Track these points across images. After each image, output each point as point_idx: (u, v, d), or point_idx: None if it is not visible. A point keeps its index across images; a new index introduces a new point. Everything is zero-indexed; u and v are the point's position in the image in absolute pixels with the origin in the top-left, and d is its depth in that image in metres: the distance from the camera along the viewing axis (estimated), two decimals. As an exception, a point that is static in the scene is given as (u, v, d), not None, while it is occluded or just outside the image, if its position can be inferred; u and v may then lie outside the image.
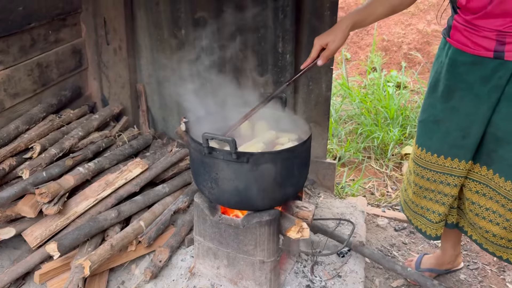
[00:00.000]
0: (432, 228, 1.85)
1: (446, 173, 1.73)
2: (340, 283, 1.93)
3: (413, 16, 5.00)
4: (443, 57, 1.67)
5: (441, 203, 1.79)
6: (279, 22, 2.43)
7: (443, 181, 1.75)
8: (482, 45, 1.50)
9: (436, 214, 1.81)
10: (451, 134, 1.68)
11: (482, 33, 1.49)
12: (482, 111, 1.58)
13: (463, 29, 1.55)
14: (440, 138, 1.71)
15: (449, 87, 1.64)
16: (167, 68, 2.72)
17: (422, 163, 1.79)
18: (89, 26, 2.66)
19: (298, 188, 1.79)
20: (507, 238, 1.69)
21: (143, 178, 2.15)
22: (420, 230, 1.90)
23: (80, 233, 1.85)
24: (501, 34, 1.45)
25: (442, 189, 1.76)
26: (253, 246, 1.71)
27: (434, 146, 1.74)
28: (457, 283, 2.19)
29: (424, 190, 1.82)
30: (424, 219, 1.86)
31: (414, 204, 1.89)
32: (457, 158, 1.69)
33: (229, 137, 1.49)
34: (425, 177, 1.79)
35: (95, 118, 2.46)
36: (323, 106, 2.60)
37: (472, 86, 1.57)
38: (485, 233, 1.74)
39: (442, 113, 1.69)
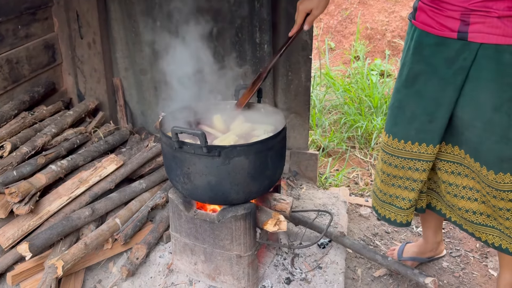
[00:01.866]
0: (402, 215, 1.82)
1: (414, 158, 1.70)
2: (321, 274, 1.91)
3: (397, 3, 4.96)
4: (409, 41, 1.64)
5: (410, 189, 1.76)
6: (255, 12, 2.38)
7: (412, 167, 1.72)
8: (447, 26, 1.47)
9: (406, 201, 1.79)
10: (417, 119, 1.65)
11: (447, 13, 1.46)
12: (448, 94, 1.55)
13: (428, 9, 1.52)
14: (406, 123, 1.68)
15: (414, 71, 1.61)
16: (144, 61, 2.66)
17: (390, 150, 1.75)
18: (62, 20, 2.59)
19: (274, 181, 1.75)
20: (486, 213, 1.68)
21: (118, 175, 2.10)
22: (388, 220, 1.86)
23: (53, 232, 1.80)
24: (466, 14, 1.42)
25: (410, 175, 1.74)
26: (229, 240, 1.69)
27: (400, 132, 1.71)
28: (439, 271, 2.18)
29: (392, 178, 1.79)
30: (393, 207, 1.83)
31: (382, 193, 1.85)
32: (425, 142, 1.66)
33: (199, 130, 1.45)
34: (393, 164, 1.76)
35: (70, 114, 2.40)
36: (303, 96, 2.57)
37: (437, 68, 1.54)
38: (464, 213, 1.72)
39: (406, 97, 1.66)
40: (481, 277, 2.15)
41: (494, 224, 1.68)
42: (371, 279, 2.12)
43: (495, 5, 1.36)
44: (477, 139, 1.55)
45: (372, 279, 2.12)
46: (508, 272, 1.79)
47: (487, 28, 1.39)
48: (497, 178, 1.55)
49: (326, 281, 1.87)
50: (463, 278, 2.14)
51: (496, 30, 1.38)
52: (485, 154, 1.55)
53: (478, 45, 1.42)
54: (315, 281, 1.87)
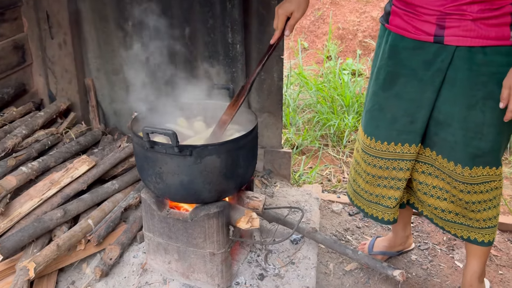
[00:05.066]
0: (389, 213, 1.87)
1: (398, 158, 1.75)
2: (293, 269, 1.95)
3: (367, 3, 5.06)
4: (383, 44, 1.68)
5: (395, 188, 1.81)
6: (227, 12, 2.40)
7: (396, 167, 1.77)
8: (423, 30, 1.52)
9: (393, 199, 1.83)
10: (398, 121, 1.69)
11: (423, 17, 1.51)
12: (427, 96, 1.60)
13: (403, 14, 1.56)
14: (387, 125, 1.73)
15: (392, 74, 1.65)
16: (116, 62, 2.65)
17: (373, 152, 1.79)
18: (31, 20, 2.56)
19: (246, 179, 1.78)
20: (454, 211, 1.75)
21: (90, 176, 2.09)
22: (376, 218, 1.90)
23: (24, 234, 1.79)
24: (441, 18, 1.47)
25: (395, 175, 1.78)
26: (203, 239, 1.71)
27: (382, 134, 1.75)
28: (408, 264, 2.25)
29: (377, 178, 1.83)
30: (380, 206, 1.87)
31: (367, 193, 1.89)
32: (407, 143, 1.71)
33: (170, 130, 1.47)
34: (377, 166, 1.80)
35: (40, 115, 2.38)
36: (276, 95, 2.60)
37: (416, 71, 1.59)
38: (434, 210, 1.79)
39: (386, 100, 1.70)
40: (448, 268, 2.23)
41: (462, 221, 1.76)
42: (343, 273, 2.18)
43: (468, 8, 1.42)
44: (453, 137, 1.61)
45: (344, 273, 2.18)
46: (475, 262, 1.87)
47: (462, 32, 1.45)
48: (472, 172, 1.62)
49: (299, 276, 1.91)
50: (431, 270, 2.22)
51: (470, 33, 1.44)
52: (461, 151, 1.62)
53: (454, 48, 1.48)
54: (287, 276, 1.91)
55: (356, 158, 1.93)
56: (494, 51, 1.45)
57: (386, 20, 1.66)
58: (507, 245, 2.39)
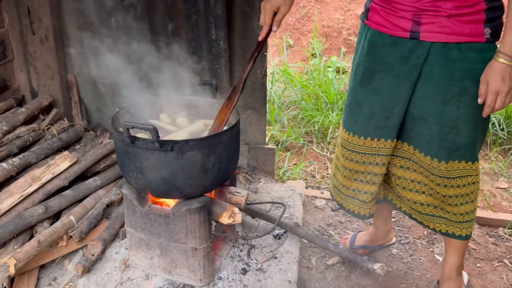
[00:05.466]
0: (365, 208, 1.89)
1: (374, 153, 1.77)
2: (276, 264, 1.97)
3: (352, 1, 5.10)
4: (363, 40, 1.70)
5: (371, 183, 1.83)
6: (210, 8, 2.40)
7: (372, 162, 1.79)
8: (399, 26, 1.54)
9: (368, 194, 1.86)
10: (374, 116, 1.72)
11: (399, 13, 1.53)
12: (404, 91, 1.62)
13: (381, 10, 1.59)
14: (364, 120, 1.75)
15: (370, 70, 1.68)
16: (98, 58, 2.63)
17: (350, 147, 1.82)
18: (12, 15, 2.53)
19: (228, 175, 1.79)
20: (433, 204, 1.78)
21: (72, 172, 2.08)
22: (352, 213, 1.93)
23: (4, 231, 1.77)
24: (417, 14, 1.49)
25: (371, 170, 1.81)
26: (184, 234, 1.71)
27: (359, 129, 1.77)
28: (389, 257, 2.29)
29: (354, 173, 1.85)
30: (357, 201, 1.90)
31: (345, 187, 1.91)
32: (383, 138, 1.73)
33: (150, 125, 1.47)
34: (354, 160, 1.82)
35: (22, 111, 2.36)
36: (260, 92, 2.62)
37: (392, 67, 1.61)
38: (413, 204, 1.82)
39: (364, 96, 1.72)
40: (428, 262, 2.27)
41: (440, 213, 1.79)
42: (325, 267, 2.20)
43: (443, 4, 1.45)
44: (429, 132, 1.63)
45: (326, 267, 2.21)
46: (453, 255, 1.91)
47: (437, 28, 1.48)
48: (448, 167, 1.65)
49: (281, 270, 1.93)
50: (411, 263, 2.26)
51: (445, 29, 1.47)
52: (436, 146, 1.64)
53: (430, 44, 1.51)
54: (270, 271, 1.93)
55: (336, 154, 1.95)
56: (469, 48, 1.48)
57: (366, 16, 1.68)
58: (485, 238, 2.44)
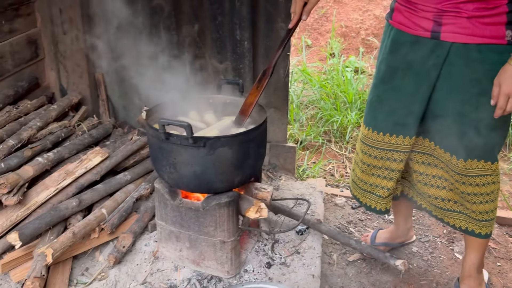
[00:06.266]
0: (382, 203, 1.94)
1: (392, 149, 1.82)
2: (299, 259, 2.02)
3: (370, 2, 5.12)
4: (386, 39, 1.76)
5: (389, 179, 1.88)
6: (235, 10, 2.47)
7: (390, 158, 1.84)
8: (421, 26, 1.59)
9: (385, 189, 1.90)
10: (395, 113, 1.76)
11: (421, 14, 1.57)
12: (423, 90, 1.67)
13: (404, 10, 1.64)
14: (384, 117, 1.80)
15: (392, 68, 1.73)
16: (126, 57, 2.71)
17: (369, 142, 1.87)
18: (44, 16, 2.62)
19: (256, 170, 1.86)
20: (453, 199, 1.82)
21: (103, 167, 2.17)
22: (369, 207, 1.98)
23: (42, 222, 1.86)
24: (439, 14, 1.53)
25: (389, 165, 1.86)
26: (214, 227, 1.78)
27: (379, 125, 1.82)
28: (409, 255, 2.33)
29: (372, 168, 1.90)
30: (373, 196, 1.94)
31: (362, 182, 1.96)
32: (402, 135, 1.78)
33: (185, 122, 1.54)
34: (373, 155, 1.87)
35: (54, 108, 2.45)
36: (282, 91, 2.67)
37: (413, 65, 1.66)
38: (434, 200, 1.86)
39: (385, 93, 1.78)
40: (448, 260, 2.30)
41: (461, 209, 1.83)
42: (346, 264, 2.25)
43: (464, 6, 1.49)
44: (448, 130, 1.68)
45: (347, 263, 2.25)
46: (473, 253, 1.94)
47: (458, 29, 1.52)
48: (466, 165, 1.69)
49: (304, 264, 1.99)
50: (431, 261, 2.29)
51: (465, 30, 1.51)
52: (455, 144, 1.68)
53: (450, 44, 1.55)
54: (293, 265, 1.98)
55: (356, 149, 2.01)
56: (489, 49, 1.52)
57: (390, 16, 1.74)
58: (505, 238, 2.47)
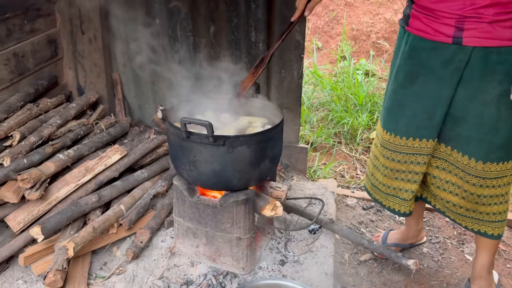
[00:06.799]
0: (406, 206, 1.97)
1: (415, 153, 1.85)
2: (312, 257, 2.06)
3: (381, 5, 5.16)
4: (403, 45, 1.79)
5: (412, 182, 1.92)
6: (251, 12, 2.51)
7: (413, 161, 1.87)
8: (442, 32, 1.62)
9: (409, 192, 1.94)
10: (417, 117, 1.80)
11: (442, 20, 1.61)
12: (445, 93, 1.71)
13: (423, 17, 1.67)
14: (406, 121, 1.83)
15: (411, 73, 1.76)
16: (142, 57, 2.77)
17: (392, 147, 1.90)
18: (64, 16, 2.68)
19: (272, 169, 1.90)
20: (465, 207, 1.86)
21: (122, 164, 2.22)
22: (393, 210, 2.01)
23: (63, 217, 1.91)
24: (460, 20, 1.57)
25: (413, 169, 1.89)
26: (230, 224, 1.82)
27: (401, 129, 1.86)
28: (420, 256, 2.36)
29: (395, 172, 1.93)
30: (397, 199, 1.98)
31: (385, 186, 2.00)
32: (425, 138, 1.82)
33: (206, 121, 1.58)
34: (396, 160, 1.90)
35: (73, 106, 2.51)
36: (295, 93, 2.71)
37: (434, 70, 1.70)
38: (446, 203, 1.90)
39: (406, 98, 1.81)
40: (458, 261, 2.33)
41: (473, 215, 1.87)
42: (357, 263, 2.29)
43: (485, 11, 1.53)
44: (468, 132, 1.72)
45: (358, 263, 2.29)
46: (484, 254, 1.98)
47: (479, 33, 1.56)
48: (485, 167, 1.73)
49: (317, 263, 2.03)
50: (442, 262, 2.32)
51: (486, 34, 1.55)
52: (475, 146, 1.72)
53: (472, 48, 1.59)
54: (307, 263, 2.02)
55: (375, 153, 2.04)
56: (509, 51, 1.56)
57: (406, 22, 1.77)
58: (515, 240, 2.50)
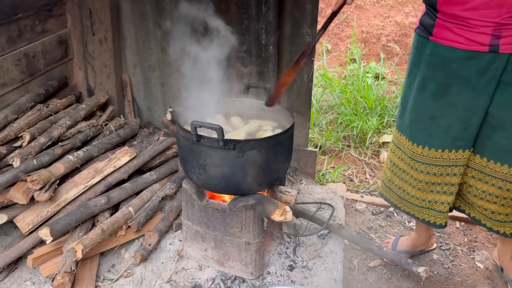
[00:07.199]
0: (442, 218, 1.94)
1: (452, 165, 1.82)
2: (321, 262, 2.04)
3: (392, 8, 5.12)
4: (427, 55, 1.72)
5: (449, 193, 1.88)
6: (262, 15, 2.50)
7: (449, 173, 1.84)
8: (477, 41, 1.58)
9: (446, 204, 1.90)
10: (452, 128, 1.76)
11: (477, 29, 1.57)
12: (482, 102, 1.68)
13: (454, 27, 1.62)
14: (441, 133, 1.78)
15: (444, 84, 1.71)
16: (152, 59, 2.77)
17: (425, 160, 1.85)
18: (75, 16, 2.69)
19: (282, 174, 1.88)
20: (504, 213, 1.84)
21: (131, 166, 2.22)
22: (428, 222, 1.98)
23: (72, 218, 1.91)
24: (497, 28, 1.54)
25: (449, 180, 1.85)
26: (239, 228, 1.81)
27: (435, 142, 1.80)
28: (430, 263, 2.33)
29: (430, 185, 1.89)
30: (433, 211, 1.94)
31: (419, 199, 1.95)
32: (461, 149, 1.78)
33: (217, 125, 1.57)
34: (431, 173, 1.86)
35: (82, 107, 2.51)
36: (305, 96, 2.69)
37: (469, 80, 1.66)
38: (484, 210, 1.87)
39: (439, 109, 1.75)
40: (469, 268, 2.30)
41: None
42: (366, 269, 2.26)
43: None
44: (506, 140, 1.70)
45: (367, 269, 2.27)
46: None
47: None
48: None
49: (326, 268, 2.01)
50: (452, 269, 2.29)
51: None
52: None
53: (508, 55, 1.57)
54: (315, 269, 2.00)
55: (401, 167, 1.97)
56: None
57: (428, 32, 1.71)
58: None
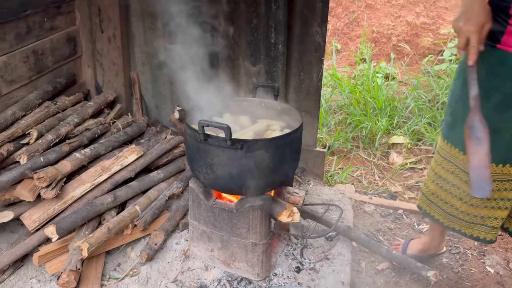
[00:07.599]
0: (493, 233, 1.89)
1: (510, 180, 1.76)
2: (328, 265, 2.01)
3: (403, 8, 5.07)
4: (495, 65, 1.62)
5: (503, 208, 1.83)
6: (272, 13, 2.47)
7: (507, 188, 1.78)
8: None
9: (499, 219, 1.85)
10: None
11: None
12: None
13: None
14: (504, 147, 1.71)
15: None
16: (160, 57, 2.75)
17: None
18: (84, 14, 2.68)
19: (290, 175, 1.86)
20: None
21: (138, 164, 2.20)
22: (477, 238, 1.92)
23: (78, 216, 1.90)
24: None
25: (506, 195, 1.80)
26: (246, 229, 1.79)
27: (497, 156, 1.70)
28: (440, 266, 2.29)
29: (485, 200, 1.83)
30: (484, 227, 1.89)
31: (469, 215, 1.89)
32: None
33: (224, 124, 1.55)
34: None
35: (90, 105, 2.50)
36: (314, 96, 2.66)
37: None
38: None
39: (503, 123, 1.67)
40: (479, 273, 2.26)
41: None
42: (375, 272, 2.23)
43: None
44: None
45: (376, 271, 2.23)
46: None
47: None
48: None
49: (334, 271, 1.98)
50: (462, 273, 2.25)
51: None
52: None
53: None
54: (323, 271, 1.97)
55: (449, 181, 1.91)
56: None
57: (496, 40, 1.59)
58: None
